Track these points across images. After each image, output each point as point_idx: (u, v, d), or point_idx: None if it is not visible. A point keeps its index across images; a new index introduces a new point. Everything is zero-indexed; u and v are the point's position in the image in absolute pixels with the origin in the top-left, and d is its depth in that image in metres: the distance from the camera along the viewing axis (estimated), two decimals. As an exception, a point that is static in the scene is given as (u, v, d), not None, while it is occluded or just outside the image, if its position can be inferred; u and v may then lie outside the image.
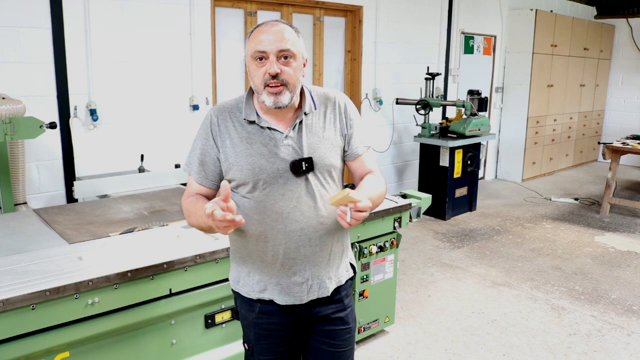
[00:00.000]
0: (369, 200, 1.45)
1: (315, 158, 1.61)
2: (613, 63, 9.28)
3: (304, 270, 1.64)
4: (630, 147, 5.84)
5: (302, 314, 1.70)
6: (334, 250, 1.69)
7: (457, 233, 5.31)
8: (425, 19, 6.29)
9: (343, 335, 1.76)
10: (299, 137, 1.61)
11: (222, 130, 1.65)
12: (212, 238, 2.32)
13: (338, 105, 1.69)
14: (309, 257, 1.63)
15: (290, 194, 1.60)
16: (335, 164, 1.66)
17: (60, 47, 3.62)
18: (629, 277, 4.27)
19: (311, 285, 1.66)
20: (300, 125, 1.62)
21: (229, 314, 2.34)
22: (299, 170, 1.58)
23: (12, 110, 2.95)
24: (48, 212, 2.78)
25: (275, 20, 1.60)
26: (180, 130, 4.36)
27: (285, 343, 1.74)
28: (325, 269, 1.67)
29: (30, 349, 1.79)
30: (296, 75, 1.57)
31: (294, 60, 1.56)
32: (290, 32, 1.56)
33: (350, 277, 1.79)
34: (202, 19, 4.34)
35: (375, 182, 1.66)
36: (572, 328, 3.44)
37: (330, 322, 1.73)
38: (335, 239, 1.68)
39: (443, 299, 3.81)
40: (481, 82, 7.34)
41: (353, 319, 1.80)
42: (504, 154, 7.82)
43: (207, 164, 1.67)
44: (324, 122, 1.66)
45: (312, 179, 1.61)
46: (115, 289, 1.93)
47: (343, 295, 1.75)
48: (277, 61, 1.53)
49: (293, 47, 1.55)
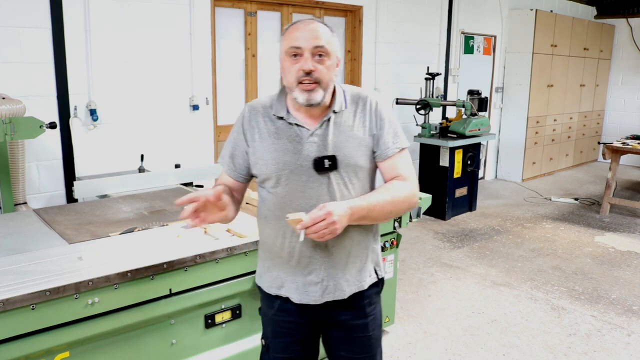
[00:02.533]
0: (319, 215, 1.43)
1: (340, 156, 1.59)
2: (613, 63, 9.28)
3: (319, 270, 1.63)
4: (630, 147, 5.84)
5: (319, 316, 1.69)
6: (353, 253, 1.66)
7: (457, 233, 5.31)
8: (425, 19, 6.29)
9: (362, 342, 1.72)
10: (325, 135, 1.60)
11: (252, 125, 1.67)
12: (212, 238, 2.32)
13: (369, 104, 1.66)
14: (325, 257, 1.62)
15: (310, 192, 1.59)
16: (361, 164, 1.62)
17: (60, 47, 3.62)
18: (629, 277, 4.27)
19: (327, 286, 1.64)
20: (328, 123, 1.61)
21: (229, 314, 2.34)
22: (321, 167, 1.57)
23: (12, 110, 2.95)
24: (48, 212, 2.78)
25: (311, 19, 1.61)
26: (180, 130, 4.36)
27: (301, 342, 1.74)
28: (342, 271, 1.65)
29: (30, 349, 1.79)
30: (329, 73, 1.57)
31: (328, 59, 1.56)
32: (325, 31, 1.57)
33: (374, 282, 1.74)
34: (202, 19, 4.34)
35: (389, 189, 1.61)
36: (572, 328, 3.44)
37: (348, 329, 1.71)
38: (355, 241, 1.65)
39: (443, 299, 3.81)
40: (481, 82, 7.34)
41: (376, 326, 1.75)
42: (504, 154, 7.82)
43: (236, 157, 1.70)
44: (354, 121, 1.64)
45: (335, 178, 1.59)
46: (115, 289, 1.93)
47: (365, 303, 1.71)
48: (311, 58, 1.54)
49: (328, 45, 1.55)
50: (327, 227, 1.44)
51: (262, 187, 1.68)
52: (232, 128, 1.76)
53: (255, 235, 2.33)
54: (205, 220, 1.57)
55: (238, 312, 2.37)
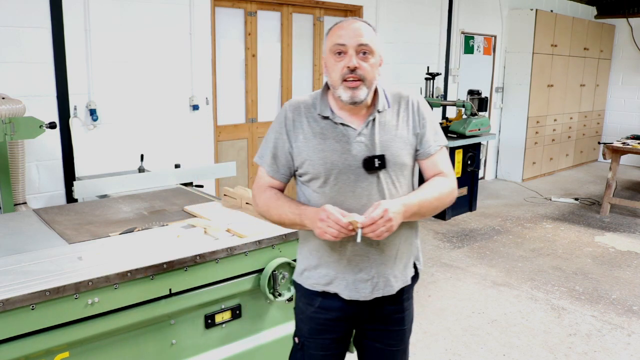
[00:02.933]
0: (380, 212, 1.46)
1: (388, 155, 1.61)
2: (613, 63, 9.28)
3: (370, 268, 1.66)
4: (630, 147, 5.84)
5: (364, 312, 1.72)
6: (401, 250, 1.70)
7: (457, 233, 5.31)
8: (425, 19, 6.29)
9: (397, 335, 1.79)
10: (372, 134, 1.62)
11: (296, 125, 1.67)
12: (212, 238, 2.32)
13: (411, 103, 1.69)
14: (376, 255, 1.65)
15: (360, 191, 1.61)
16: (407, 163, 1.66)
17: (60, 47, 3.62)
18: (629, 277, 4.27)
19: (377, 282, 1.67)
20: (374, 123, 1.63)
21: (229, 314, 2.34)
22: (371, 166, 1.59)
23: (11, 110, 2.95)
24: (48, 212, 2.77)
25: (355, 18, 1.64)
26: (180, 130, 4.36)
27: (338, 340, 1.78)
28: (391, 267, 1.68)
29: (30, 349, 1.79)
30: (373, 71, 1.60)
31: (371, 57, 1.59)
32: (368, 29, 1.60)
33: (412, 276, 1.79)
34: (202, 19, 4.34)
35: (434, 186, 1.65)
36: (572, 328, 3.43)
37: (387, 323, 1.76)
38: (403, 238, 1.69)
39: (443, 299, 3.80)
40: (481, 82, 7.34)
41: (410, 320, 1.82)
42: (504, 154, 7.82)
43: (279, 158, 1.70)
44: (397, 120, 1.66)
45: (384, 176, 1.62)
46: (115, 289, 1.93)
47: (405, 298, 1.77)
48: (355, 56, 1.56)
49: (371, 43, 1.58)
50: (384, 225, 1.47)
51: (307, 187, 1.68)
52: (270, 127, 1.75)
53: (255, 235, 2.33)
54: None
55: (238, 312, 2.36)
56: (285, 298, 2.40)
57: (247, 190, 2.78)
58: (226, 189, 2.90)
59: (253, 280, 2.34)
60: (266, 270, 2.33)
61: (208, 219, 2.55)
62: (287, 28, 5.15)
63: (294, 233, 2.44)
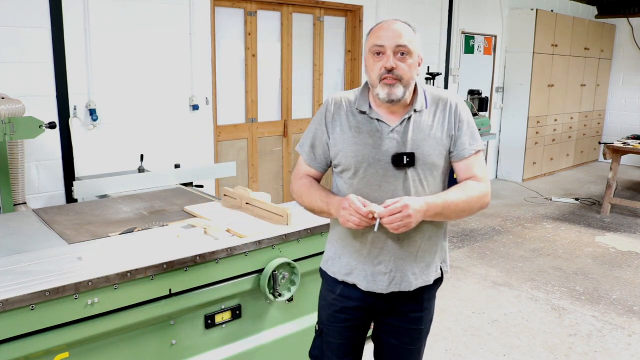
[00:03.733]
0: (398, 205, 1.51)
1: (418, 154, 1.64)
2: (614, 63, 9.27)
3: (388, 261, 1.69)
4: (631, 147, 5.83)
5: (381, 304, 1.75)
6: (423, 248, 1.71)
7: (458, 233, 5.31)
8: (426, 19, 6.29)
9: (413, 333, 1.80)
10: (405, 132, 1.65)
11: (335, 117, 1.73)
12: (212, 238, 2.32)
13: (450, 105, 1.70)
14: (395, 249, 1.68)
15: (386, 186, 1.65)
16: (438, 163, 1.67)
17: (60, 46, 3.62)
18: (629, 277, 4.26)
19: (394, 277, 1.70)
20: (409, 121, 1.67)
21: (229, 314, 2.33)
22: (400, 163, 1.63)
23: (11, 110, 2.95)
24: (47, 212, 2.77)
25: (395, 19, 1.67)
26: (180, 130, 4.36)
27: (354, 328, 1.82)
28: (410, 264, 1.71)
29: (29, 349, 1.78)
30: (411, 71, 1.63)
31: (409, 57, 1.62)
32: (407, 30, 1.63)
33: (438, 277, 1.80)
34: (202, 19, 4.34)
35: (463, 189, 1.66)
36: (572, 328, 3.43)
37: (403, 319, 1.78)
38: (425, 237, 1.70)
39: (443, 299, 3.80)
40: (481, 82, 7.33)
41: (429, 319, 1.83)
42: (504, 153, 7.82)
43: (317, 148, 1.77)
44: (433, 120, 1.68)
45: (411, 174, 1.65)
46: (115, 289, 1.93)
47: (425, 297, 1.78)
48: (393, 56, 1.60)
49: (410, 44, 1.62)
50: (402, 220, 1.51)
51: (340, 177, 1.75)
52: (312, 118, 1.84)
53: (255, 235, 2.33)
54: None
55: (238, 312, 2.36)
56: (285, 298, 2.40)
57: (247, 190, 2.78)
58: (226, 189, 2.90)
59: (253, 280, 2.34)
60: (266, 270, 2.33)
61: (208, 219, 2.55)
62: (287, 28, 5.15)
63: (294, 233, 2.44)
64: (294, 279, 2.41)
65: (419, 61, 1.68)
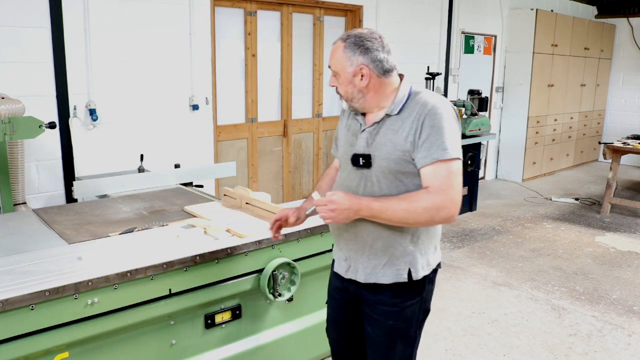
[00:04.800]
0: (324, 201, 1.66)
1: (374, 156, 1.72)
2: (614, 63, 9.27)
3: (345, 250, 1.86)
4: (631, 147, 5.83)
5: (350, 288, 1.89)
6: (374, 246, 1.77)
7: (458, 233, 5.31)
8: (426, 19, 6.29)
9: (382, 326, 1.85)
10: (374, 134, 1.74)
11: (343, 115, 1.93)
12: (212, 238, 2.32)
13: (421, 113, 1.68)
14: (347, 241, 1.83)
15: (349, 182, 1.80)
16: (393, 168, 1.69)
17: (60, 46, 3.62)
18: (629, 277, 4.26)
19: (350, 265, 1.86)
20: (380, 124, 1.74)
21: (229, 314, 2.33)
22: (356, 163, 1.76)
23: (11, 110, 2.95)
24: (47, 212, 2.77)
25: (339, 38, 1.76)
26: (180, 130, 4.36)
27: (342, 307, 1.98)
28: (361, 259, 1.81)
29: (29, 349, 1.78)
30: (347, 87, 1.74)
31: (339, 76, 1.74)
32: (336, 51, 1.73)
33: (402, 282, 1.76)
34: (202, 19, 4.34)
35: (406, 198, 1.65)
36: (572, 328, 3.43)
37: (372, 309, 1.85)
38: (375, 236, 1.75)
39: (443, 299, 3.80)
40: (481, 82, 7.33)
41: (401, 319, 1.82)
42: (504, 153, 7.82)
43: (336, 140, 1.99)
44: (401, 125, 1.70)
45: (367, 174, 1.75)
46: (115, 289, 1.93)
47: (388, 294, 1.80)
48: (332, 76, 1.78)
49: (334, 65, 1.74)
50: (325, 212, 1.65)
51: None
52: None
53: (255, 235, 2.33)
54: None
55: (238, 312, 2.36)
56: (285, 298, 2.40)
57: (247, 190, 2.78)
58: (226, 189, 2.90)
59: (253, 280, 2.34)
60: (266, 270, 2.32)
61: (208, 219, 2.55)
62: (287, 28, 5.15)
63: (294, 233, 2.44)
64: (294, 279, 2.41)
65: (351, 76, 1.70)
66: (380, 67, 1.70)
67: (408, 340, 1.88)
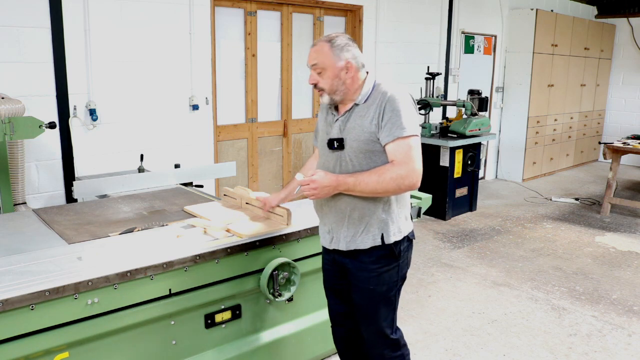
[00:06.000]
0: (310, 179, 1.95)
1: (347, 139, 2.01)
2: (614, 63, 9.27)
3: (328, 223, 2.11)
4: (631, 147, 5.83)
5: (335, 258, 2.15)
6: (351, 217, 2.03)
7: (458, 233, 5.31)
8: (426, 19, 6.29)
9: (363, 292, 2.10)
10: (345, 121, 2.04)
11: (322, 109, 2.21)
12: (212, 238, 2.32)
13: (382, 99, 1.98)
14: (329, 214, 2.09)
15: (327, 164, 2.08)
16: (363, 147, 1.98)
17: (60, 46, 3.62)
18: (629, 277, 4.26)
19: (333, 236, 2.11)
20: (350, 113, 2.04)
21: (229, 314, 2.33)
22: (331, 146, 2.04)
23: (11, 110, 2.95)
24: (47, 212, 2.77)
25: (318, 40, 2.04)
26: (180, 130, 4.36)
27: (333, 277, 2.24)
28: (341, 229, 2.07)
29: (29, 349, 1.79)
30: (332, 81, 2.01)
31: (325, 72, 2.00)
32: (321, 50, 2.00)
33: (378, 246, 2.03)
34: (202, 19, 4.34)
35: (377, 171, 1.94)
36: (572, 328, 3.43)
37: (354, 277, 2.11)
38: (352, 207, 2.02)
39: (443, 299, 3.80)
40: (481, 82, 7.33)
41: (379, 283, 2.07)
42: (504, 153, 7.82)
43: (316, 132, 2.28)
44: (366, 112, 2.00)
45: (341, 155, 2.03)
46: (115, 289, 1.93)
47: (368, 260, 2.06)
48: (314, 73, 2.02)
49: (321, 62, 1.99)
50: (309, 190, 1.95)
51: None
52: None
53: (255, 235, 2.34)
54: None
55: (238, 312, 2.36)
56: (285, 298, 2.40)
57: (247, 190, 2.78)
58: (226, 189, 2.90)
59: (253, 280, 2.34)
60: (266, 270, 2.33)
61: (208, 219, 2.54)
62: (287, 28, 5.15)
63: (294, 233, 2.45)
64: (294, 279, 2.41)
65: (340, 68, 1.98)
66: (358, 62, 2.03)
67: (389, 304, 2.13)
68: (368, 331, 2.17)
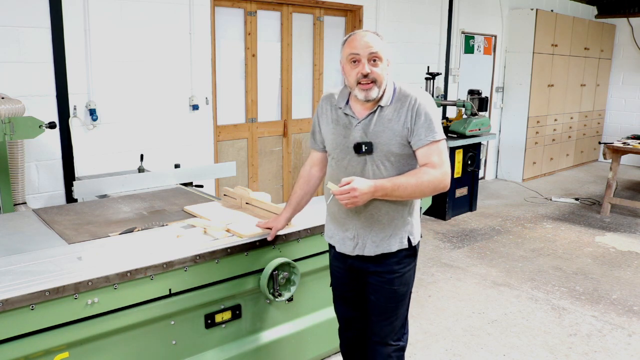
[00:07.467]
0: (346, 187, 1.84)
1: (376, 143, 1.96)
2: (614, 63, 9.27)
3: (353, 229, 2.05)
4: (631, 147, 5.83)
5: (355, 264, 2.10)
6: (381, 221, 2.01)
7: (458, 233, 5.31)
8: (426, 19, 6.29)
9: (387, 293, 2.08)
10: (368, 125, 1.98)
11: (323, 111, 2.12)
12: (212, 238, 2.32)
13: (410, 102, 1.96)
14: (356, 221, 2.03)
15: (351, 169, 2.00)
16: (394, 151, 1.96)
17: (60, 46, 3.62)
18: (629, 277, 4.26)
19: (357, 243, 2.05)
20: (374, 115, 1.98)
21: (229, 314, 2.33)
22: (359, 150, 1.97)
23: (11, 110, 2.95)
24: (47, 212, 2.77)
25: (366, 30, 1.97)
26: (180, 130, 4.36)
27: (345, 284, 2.20)
28: (370, 234, 2.03)
29: (29, 349, 1.79)
30: (383, 73, 1.93)
31: (380, 62, 1.93)
32: (377, 40, 1.93)
33: (405, 248, 2.05)
34: (202, 19, 4.34)
35: (415, 174, 1.93)
36: (572, 328, 3.43)
37: (377, 279, 2.08)
38: (382, 212, 2.00)
39: (443, 299, 3.80)
40: (481, 82, 7.33)
41: (403, 283, 2.09)
42: (504, 153, 7.82)
43: (316, 134, 2.19)
44: (393, 115, 1.96)
45: (370, 160, 1.97)
46: (115, 289, 1.93)
47: (393, 261, 2.05)
48: (367, 63, 1.90)
49: (380, 51, 1.91)
50: (349, 199, 1.84)
51: (329, 158, 2.13)
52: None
53: (255, 235, 2.34)
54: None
55: (238, 312, 2.36)
56: (285, 298, 2.40)
57: (247, 190, 2.78)
58: (226, 189, 2.90)
59: (253, 280, 2.34)
60: (266, 270, 2.33)
61: (208, 219, 2.55)
62: (287, 28, 5.15)
63: (294, 233, 2.45)
64: (294, 279, 2.41)
65: (388, 63, 1.96)
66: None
67: (405, 302, 2.15)
68: (380, 326, 2.16)
